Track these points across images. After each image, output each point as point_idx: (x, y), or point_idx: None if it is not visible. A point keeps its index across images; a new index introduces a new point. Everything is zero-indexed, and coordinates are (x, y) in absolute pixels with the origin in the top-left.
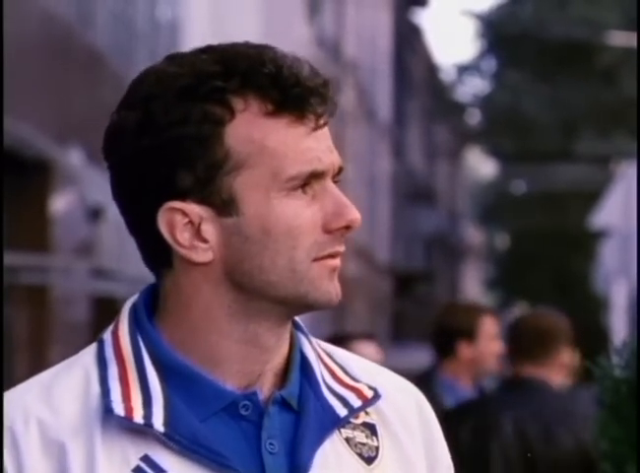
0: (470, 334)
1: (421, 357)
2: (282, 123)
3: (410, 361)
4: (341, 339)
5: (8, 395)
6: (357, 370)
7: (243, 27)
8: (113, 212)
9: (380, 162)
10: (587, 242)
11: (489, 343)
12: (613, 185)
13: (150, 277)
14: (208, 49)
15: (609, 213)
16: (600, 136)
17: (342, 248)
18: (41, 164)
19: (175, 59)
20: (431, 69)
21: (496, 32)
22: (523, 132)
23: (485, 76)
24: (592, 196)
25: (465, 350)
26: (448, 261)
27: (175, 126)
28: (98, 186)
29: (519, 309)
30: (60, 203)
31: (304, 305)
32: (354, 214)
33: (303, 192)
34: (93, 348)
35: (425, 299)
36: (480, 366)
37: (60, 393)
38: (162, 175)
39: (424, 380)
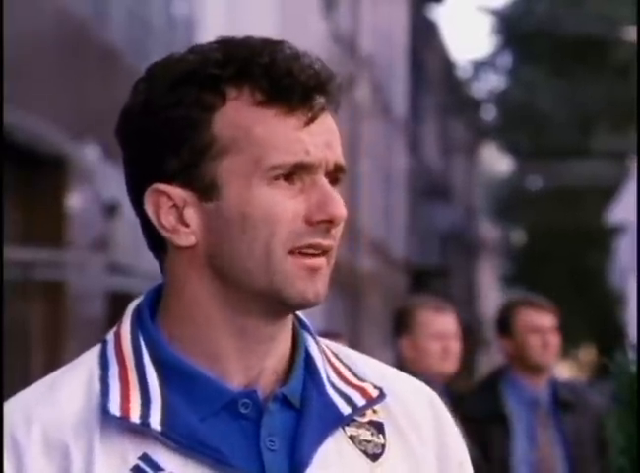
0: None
1: None
2: (270, 113)
3: None
4: None
5: (11, 402)
6: (366, 369)
7: (259, 22)
8: (129, 207)
9: (396, 157)
10: (603, 238)
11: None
12: (629, 181)
13: None
14: (221, 41)
15: (625, 208)
16: (615, 132)
17: (325, 242)
18: (57, 160)
19: (191, 49)
20: (447, 65)
21: (512, 28)
22: (538, 128)
23: (501, 72)
24: (607, 192)
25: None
26: (464, 257)
27: (168, 109)
28: (114, 182)
29: None
30: (76, 199)
31: (279, 302)
32: (339, 209)
33: (290, 183)
34: (97, 348)
35: (441, 294)
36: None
37: (63, 393)
38: (153, 157)
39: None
